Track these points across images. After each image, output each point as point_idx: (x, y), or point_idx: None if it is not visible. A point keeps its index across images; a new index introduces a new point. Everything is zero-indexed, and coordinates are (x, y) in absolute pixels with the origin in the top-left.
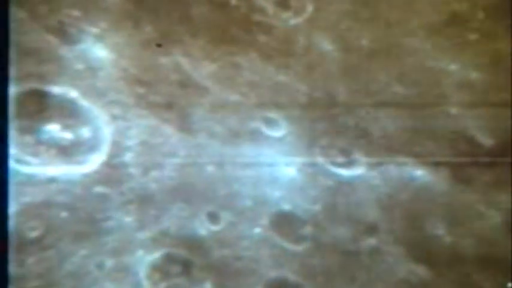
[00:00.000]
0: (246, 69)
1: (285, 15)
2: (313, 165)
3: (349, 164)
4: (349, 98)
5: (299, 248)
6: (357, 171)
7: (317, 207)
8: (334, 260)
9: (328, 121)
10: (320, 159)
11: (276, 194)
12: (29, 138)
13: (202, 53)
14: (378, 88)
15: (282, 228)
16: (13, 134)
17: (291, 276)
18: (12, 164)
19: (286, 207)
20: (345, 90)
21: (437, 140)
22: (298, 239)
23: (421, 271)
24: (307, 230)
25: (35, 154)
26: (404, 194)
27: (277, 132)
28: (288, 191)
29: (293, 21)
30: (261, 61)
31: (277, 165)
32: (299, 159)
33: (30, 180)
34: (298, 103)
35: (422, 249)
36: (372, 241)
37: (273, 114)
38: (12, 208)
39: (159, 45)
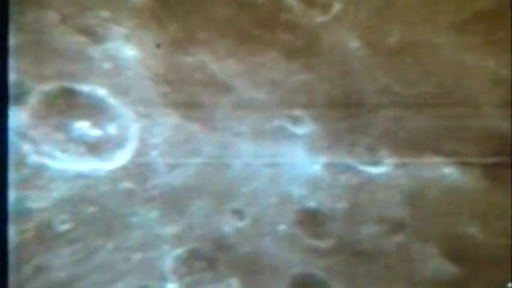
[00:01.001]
0: (270, 68)
1: (312, 13)
2: (337, 163)
3: (374, 162)
4: (374, 96)
5: (324, 245)
6: (383, 169)
7: (342, 205)
8: (359, 258)
9: (354, 119)
10: (345, 157)
11: (300, 191)
12: (59, 135)
13: (226, 52)
14: (404, 86)
15: (307, 225)
16: (45, 131)
17: (316, 273)
18: (44, 160)
19: (311, 204)
20: (370, 89)
21: (466, 138)
22: (323, 236)
23: (450, 269)
24: (332, 227)
25: (65, 150)
26: (432, 192)
27: (301, 130)
28: (312, 189)
29: (319, 19)
30: (285, 60)
31: (301, 163)
32: (324, 157)
33: (61, 176)
34: (323, 101)
35: (450, 248)
36: (398, 239)
37: (297, 112)
38: (44, 202)
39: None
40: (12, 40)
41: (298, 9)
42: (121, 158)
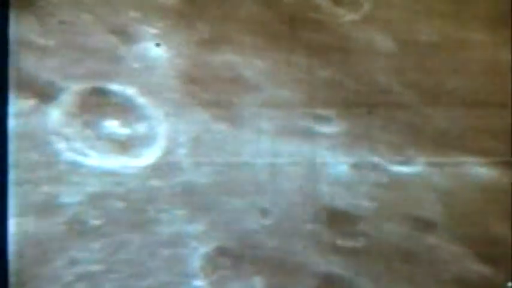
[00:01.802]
0: (296, 67)
1: (340, 11)
2: (365, 161)
3: (403, 160)
4: (404, 94)
5: (351, 244)
6: (411, 168)
7: (370, 204)
8: (387, 258)
9: (382, 118)
10: (373, 156)
11: (326, 190)
12: (90, 133)
13: (253, 50)
14: (434, 84)
15: (333, 224)
16: (77, 129)
17: (342, 272)
18: (76, 157)
19: (338, 203)
20: (399, 86)
21: (497, 137)
22: (350, 236)
23: (481, 270)
24: (360, 226)
25: (96, 148)
26: (462, 191)
27: (328, 129)
28: (339, 188)
29: (348, 17)
30: (312, 58)
31: (328, 162)
32: (351, 156)
33: (92, 172)
34: (351, 100)
35: (481, 248)
36: (428, 239)
37: (324, 111)
38: (76, 197)
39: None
40: (47, 41)
41: (326, 7)
42: (149, 156)
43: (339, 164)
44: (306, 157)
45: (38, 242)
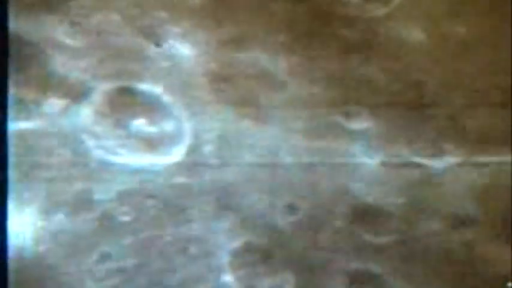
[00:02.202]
0: (326, 63)
1: (370, 5)
2: (398, 157)
3: (437, 157)
4: (438, 90)
5: (383, 240)
6: (445, 164)
7: (402, 200)
8: (419, 255)
9: (416, 114)
10: (406, 152)
11: (357, 186)
12: (119, 132)
13: (281, 47)
14: (471, 79)
15: (364, 220)
16: (106, 128)
17: (374, 269)
18: (106, 155)
19: (368, 200)
20: (434, 81)
21: None
22: (382, 232)
23: None
24: (392, 222)
25: (125, 146)
26: (498, 188)
27: (359, 125)
28: (370, 184)
29: (379, 11)
30: (342, 54)
31: (358, 158)
32: (383, 152)
33: (122, 170)
34: (383, 96)
35: None
36: (462, 236)
37: (354, 108)
38: (107, 194)
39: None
40: (77, 42)
41: (356, 2)
42: (176, 153)
43: (371, 161)
44: (336, 154)
45: (71, 238)
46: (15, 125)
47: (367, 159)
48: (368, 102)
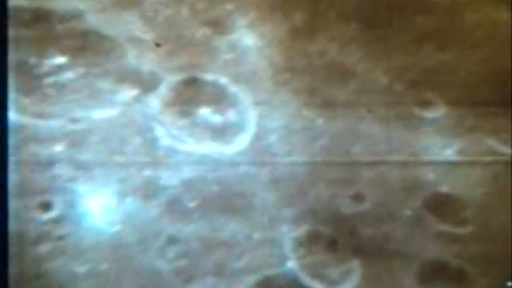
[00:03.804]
0: (399, 52)
1: None
2: (476, 146)
3: None
4: None
5: (459, 231)
6: None
7: (481, 190)
8: (499, 245)
9: (497, 101)
10: (485, 140)
11: (430, 176)
12: (186, 121)
13: (351, 37)
14: None
15: (439, 210)
16: (174, 117)
17: (451, 261)
18: (174, 143)
19: (443, 189)
20: None
21: None
22: (459, 222)
23: None
24: (469, 213)
25: (191, 135)
26: None
27: (432, 114)
28: (445, 173)
29: None
30: (417, 42)
31: (432, 147)
32: (459, 141)
33: (188, 158)
34: (460, 83)
35: None
36: None
37: (428, 96)
38: (174, 181)
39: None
40: (149, 35)
41: None
42: (241, 142)
43: (444, 149)
44: (406, 143)
45: (140, 221)
46: (93, 114)
47: (442, 148)
48: (444, 90)
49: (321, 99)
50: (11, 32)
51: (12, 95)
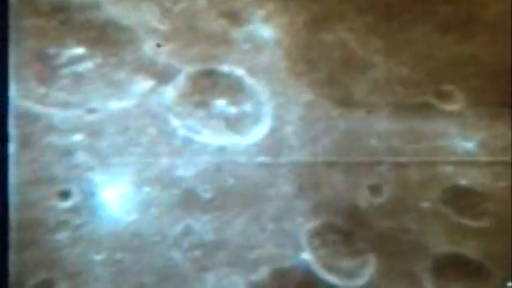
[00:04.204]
0: (418, 42)
1: None
2: (497, 139)
3: None
4: None
5: (478, 224)
6: None
7: (500, 184)
8: None
9: None
10: (506, 134)
11: (449, 169)
12: (202, 112)
13: (369, 28)
14: None
15: (457, 203)
16: (190, 108)
17: (468, 254)
18: (190, 134)
19: (462, 182)
20: None
21: None
22: (477, 215)
23: None
24: (488, 206)
25: (207, 126)
26: None
27: (451, 106)
28: (463, 166)
29: None
30: (437, 32)
31: (451, 139)
32: (480, 133)
33: (204, 149)
34: (481, 74)
35: None
36: None
37: (448, 88)
38: (190, 171)
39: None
40: (166, 26)
41: None
42: (257, 134)
43: (464, 142)
44: (424, 134)
45: (157, 210)
46: (110, 104)
47: (462, 140)
48: (464, 81)
49: (338, 90)
50: (31, 22)
51: (31, 85)
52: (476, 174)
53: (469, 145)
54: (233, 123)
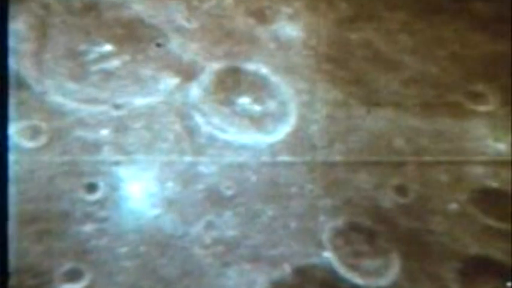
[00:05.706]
0: (450, 41)
1: None
2: None
3: None
4: None
5: (507, 226)
6: None
7: None
8: None
9: None
10: None
11: (478, 170)
12: (226, 110)
13: (398, 26)
14: None
15: (486, 205)
16: (214, 105)
17: (496, 255)
18: (214, 131)
19: (492, 184)
20: None
21: None
22: (506, 217)
23: None
24: None
25: (231, 123)
26: None
27: (483, 106)
28: (494, 168)
29: None
30: (471, 31)
31: (481, 140)
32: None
33: (228, 146)
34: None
35: None
36: None
37: (479, 87)
38: (213, 168)
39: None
40: (193, 25)
41: None
42: (281, 132)
43: (496, 141)
44: (454, 134)
45: (180, 206)
46: (136, 101)
47: (492, 141)
48: (497, 81)
49: (364, 90)
50: (62, 20)
51: (61, 81)
52: (506, 175)
53: (500, 146)
54: (257, 121)
